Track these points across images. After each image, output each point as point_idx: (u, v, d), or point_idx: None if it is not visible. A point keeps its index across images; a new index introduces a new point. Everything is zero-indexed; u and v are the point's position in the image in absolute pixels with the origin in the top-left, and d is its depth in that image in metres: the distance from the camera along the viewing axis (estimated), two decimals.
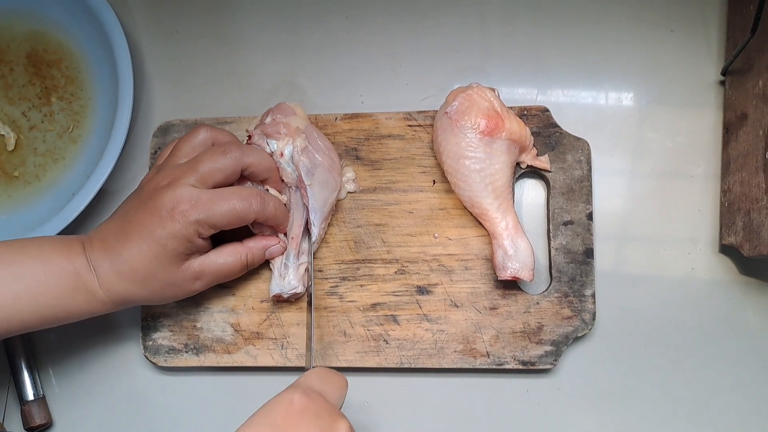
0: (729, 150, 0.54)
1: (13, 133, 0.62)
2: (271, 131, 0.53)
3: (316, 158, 0.53)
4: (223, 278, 0.52)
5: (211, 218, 0.48)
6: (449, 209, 0.56)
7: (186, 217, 0.47)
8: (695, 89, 0.57)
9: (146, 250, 0.47)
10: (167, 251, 0.48)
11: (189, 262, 0.50)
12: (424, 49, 0.61)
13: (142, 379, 0.58)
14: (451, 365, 0.54)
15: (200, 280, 0.51)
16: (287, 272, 0.53)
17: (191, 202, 0.48)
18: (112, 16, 0.58)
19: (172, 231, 0.47)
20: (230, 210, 0.48)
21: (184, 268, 0.49)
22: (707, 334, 0.54)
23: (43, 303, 0.46)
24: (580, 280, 0.53)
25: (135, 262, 0.48)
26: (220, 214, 0.48)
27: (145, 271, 0.48)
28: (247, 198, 0.49)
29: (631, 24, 0.59)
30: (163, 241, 0.47)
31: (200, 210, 0.48)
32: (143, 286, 0.49)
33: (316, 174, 0.53)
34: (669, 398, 0.54)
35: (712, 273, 0.55)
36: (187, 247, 0.48)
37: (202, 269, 0.50)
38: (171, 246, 0.47)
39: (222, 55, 0.62)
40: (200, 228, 0.48)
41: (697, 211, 0.55)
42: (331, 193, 0.54)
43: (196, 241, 0.48)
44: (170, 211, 0.47)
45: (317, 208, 0.53)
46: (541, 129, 0.56)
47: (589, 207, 0.54)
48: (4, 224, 0.61)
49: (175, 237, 0.47)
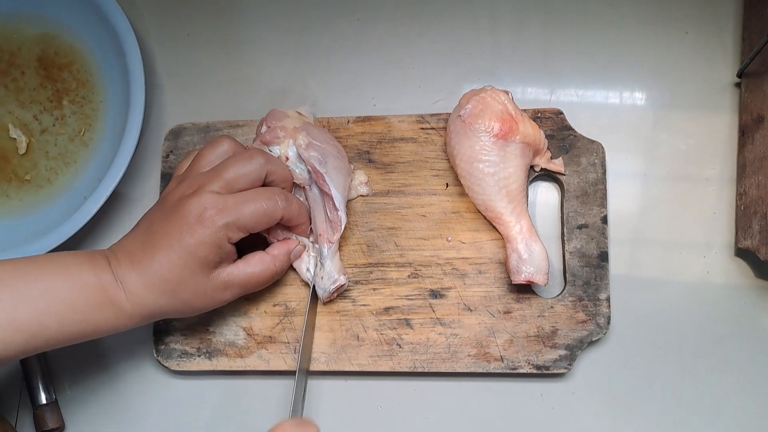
0: (745, 153, 0.54)
1: (25, 137, 0.62)
2: (270, 138, 0.53)
3: (324, 148, 0.53)
4: (252, 288, 0.52)
5: (240, 220, 0.48)
6: (462, 213, 0.55)
7: (215, 222, 0.47)
8: (710, 91, 0.57)
9: (176, 260, 0.47)
10: (198, 259, 0.47)
11: (218, 271, 0.49)
12: (436, 52, 0.60)
13: (154, 383, 0.58)
14: (465, 369, 0.53)
15: (229, 290, 0.50)
16: (324, 269, 0.53)
17: (218, 207, 0.47)
18: (123, 19, 0.58)
19: (202, 237, 0.47)
20: (258, 210, 0.48)
21: (213, 277, 0.49)
22: (722, 338, 0.54)
23: (69, 319, 0.46)
24: (595, 284, 0.53)
25: (165, 272, 0.47)
26: (248, 215, 0.48)
27: (176, 281, 0.47)
28: (272, 197, 0.49)
29: (644, 25, 0.58)
30: (193, 249, 0.47)
31: (228, 213, 0.47)
32: (174, 296, 0.48)
33: (329, 162, 0.53)
34: (684, 403, 0.53)
35: (727, 277, 0.54)
36: (217, 254, 0.48)
37: (230, 278, 0.49)
38: (202, 253, 0.47)
39: (233, 59, 0.62)
40: (230, 232, 0.47)
41: (713, 215, 0.55)
42: (346, 177, 0.54)
43: (225, 247, 0.48)
44: (198, 218, 0.47)
45: (338, 193, 0.52)
46: (555, 132, 0.55)
47: (603, 210, 0.54)
48: (16, 228, 0.61)
49: (204, 243, 0.47)
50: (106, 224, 0.60)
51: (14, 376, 0.59)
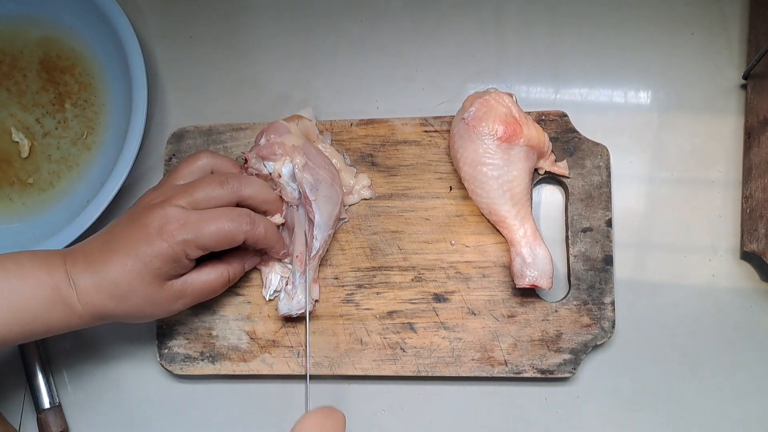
0: (751, 155, 0.53)
1: (27, 140, 0.62)
2: (267, 153, 0.53)
3: (319, 173, 0.53)
4: (205, 297, 0.52)
5: (200, 238, 0.47)
6: (466, 216, 0.55)
7: (174, 237, 0.47)
8: (716, 93, 0.56)
9: (130, 267, 0.47)
10: (151, 270, 0.47)
11: (172, 282, 0.49)
12: (440, 54, 0.60)
13: (157, 387, 0.58)
14: (469, 374, 0.53)
15: (182, 300, 0.50)
16: (295, 292, 0.53)
17: (180, 221, 0.47)
18: (125, 21, 0.58)
19: (159, 250, 0.47)
20: (219, 230, 0.48)
21: (166, 288, 0.49)
22: (728, 342, 0.53)
23: (21, 317, 0.46)
24: (600, 288, 0.53)
25: (118, 277, 0.47)
26: (208, 235, 0.48)
27: (126, 287, 0.47)
28: (237, 218, 0.49)
29: (650, 27, 0.58)
30: (148, 259, 0.47)
31: (188, 230, 0.47)
32: (123, 302, 0.48)
33: (320, 189, 0.52)
34: (689, 407, 0.53)
35: (733, 280, 0.54)
36: (172, 267, 0.48)
37: (184, 288, 0.50)
38: (155, 265, 0.47)
39: (236, 61, 0.62)
40: (188, 249, 0.47)
41: (718, 218, 0.55)
42: (335, 206, 0.54)
43: (182, 262, 0.48)
44: (159, 230, 0.47)
45: (322, 222, 0.53)
46: (560, 134, 0.55)
47: (608, 213, 0.54)
48: (19, 231, 0.61)
49: (160, 256, 0.47)
50: None
51: (18, 380, 0.59)
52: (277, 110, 0.60)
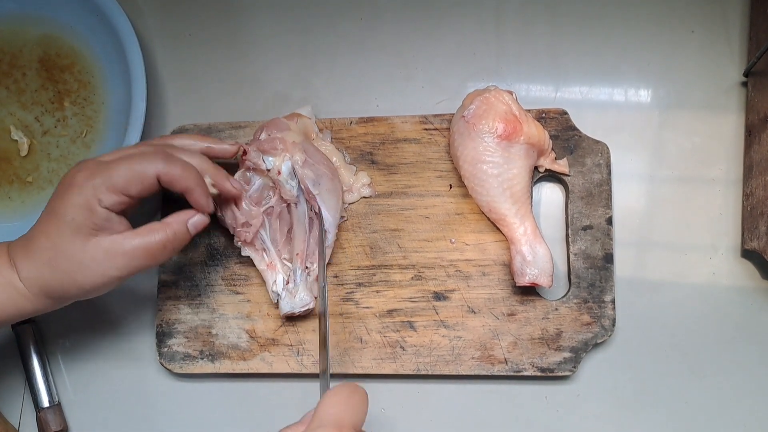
0: (751, 153, 0.53)
1: (27, 139, 0.62)
2: (267, 147, 0.53)
3: (319, 168, 0.53)
4: (143, 260, 0.47)
5: (110, 179, 0.45)
6: (466, 214, 0.55)
7: (83, 185, 0.45)
8: (716, 91, 0.56)
9: (49, 226, 0.46)
10: (67, 223, 0.45)
11: (98, 240, 0.46)
12: (440, 52, 0.60)
13: (157, 386, 0.58)
14: (469, 372, 0.53)
15: (113, 262, 0.46)
16: (297, 289, 0.53)
17: (89, 171, 0.46)
18: (124, 19, 0.58)
19: (71, 199, 0.45)
20: (128, 169, 0.46)
21: (92, 246, 0.46)
22: (729, 340, 0.53)
23: None
24: (600, 286, 0.53)
25: (42, 241, 0.46)
26: (118, 175, 0.46)
27: (51, 249, 0.46)
28: (149, 156, 0.47)
29: (650, 24, 0.58)
30: (62, 212, 0.45)
31: (98, 174, 0.46)
32: (54, 268, 0.46)
33: (322, 183, 0.52)
34: (689, 405, 0.53)
35: (733, 278, 0.54)
36: (87, 217, 0.45)
37: (113, 247, 0.46)
38: (70, 215, 0.45)
39: (235, 59, 0.62)
40: (98, 192, 0.45)
41: (719, 216, 0.55)
42: (338, 200, 0.54)
43: (97, 211, 0.45)
44: (70, 183, 0.46)
45: (330, 215, 0.53)
46: (560, 132, 0.55)
47: (608, 211, 0.53)
48: (17, 230, 0.60)
49: (73, 206, 0.45)
50: None
51: (17, 378, 0.59)
52: (277, 108, 0.60)
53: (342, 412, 0.39)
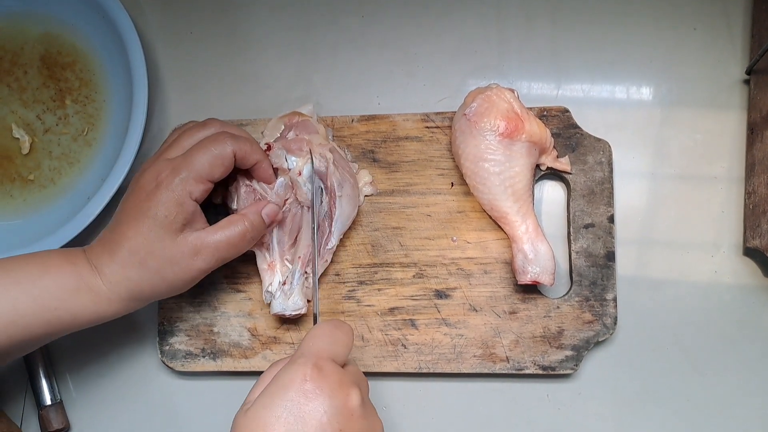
0: (754, 151, 0.53)
1: (28, 137, 0.62)
2: (294, 147, 0.53)
3: (345, 174, 0.53)
4: (226, 252, 0.49)
5: (194, 169, 0.47)
6: (468, 212, 0.55)
7: (170, 181, 0.47)
8: (719, 89, 0.56)
9: (140, 227, 0.47)
10: (159, 221, 0.47)
11: (185, 235, 0.48)
12: (441, 49, 0.60)
13: (159, 384, 0.58)
14: (470, 370, 0.53)
15: (201, 256, 0.48)
16: (292, 292, 0.52)
17: (170, 167, 0.47)
18: (125, 17, 0.58)
19: (160, 198, 0.47)
20: (207, 155, 0.48)
21: (180, 241, 0.47)
22: (730, 338, 0.53)
23: (43, 305, 0.46)
24: (602, 284, 0.53)
25: (132, 243, 0.47)
26: (199, 163, 0.47)
27: (143, 250, 0.47)
28: (219, 139, 0.48)
29: (652, 22, 0.58)
30: (153, 212, 0.47)
31: (181, 168, 0.47)
32: (144, 268, 0.47)
33: (345, 187, 0.53)
34: (691, 404, 0.53)
35: (735, 277, 0.54)
36: (179, 212, 0.47)
37: (200, 242, 0.48)
38: (162, 214, 0.46)
39: (236, 57, 0.62)
40: (188, 186, 0.47)
41: (721, 214, 0.55)
42: (353, 209, 0.54)
43: (187, 204, 0.47)
44: (155, 184, 0.47)
45: (341, 221, 0.53)
46: (562, 130, 0.55)
47: (610, 209, 0.53)
48: (19, 228, 0.61)
49: (163, 203, 0.47)
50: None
51: (19, 376, 0.59)
52: (278, 106, 0.60)
53: (324, 344, 0.43)
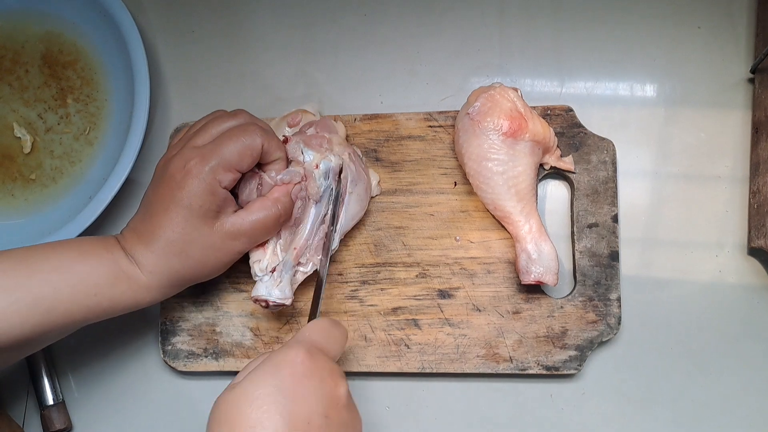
0: (758, 150, 0.53)
1: (30, 136, 0.62)
2: (314, 143, 0.52)
3: (361, 174, 0.53)
4: (260, 235, 0.50)
5: (224, 158, 0.47)
6: (471, 212, 0.55)
7: (200, 170, 0.47)
8: (723, 88, 0.56)
9: (176, 218, 0.47)
10: (195, 211, 0.47)
11: (221, 221, 0.48)
12: (444, 48, 0.60)
13: (161, 384, 0.58)
14: (474, 370, 0.53)
15: (238, 240, 0.49)
16: (281, 280, 0.52)
17: (199, 155, 0.47)
18: (127, 16, 0.57)
19: (193, 188, 0.47)
20: (237, 144, 0.48)
21: (218, 228, 0.48)
22: (735, 338, 0.53)
23: (83, 292, 0.46)
24: (605, 284, 0.52)
25: (169, 234, 0.47)
26: (229, 152, 0.47)
27: (182, 240, 0.47)
28: (248, 129, 0.49)
29: (656, 20, 0.57)
30: (187, 202, 0.47)
31: (210, 157, 0.47)
32: (185, 257, 0.48)
33: (358, 186, 0.52)
34: (695, 404, 0.53)
35: (740, 276, 0.54)
36: (212, 201, 0.47)
37: (236, 227, 0.49)
38: (197, 203, 0.47)
39: (238, 55, 0.61)
40: (218, 174, 0.47)
41: (725, 213, 0.54)
42: (361, 210, 0.54)
43: (219, 192, 0.48)
44: (184, 173, 0.47)
45: (345, 220, 0.53)
46: (565, 129, 0.55)
47: (614, 209, 0.53)
48: (21, 228, 0.61)
49: (197, 194, 0.47)
50: (112, 223, 0.60)
51: (21, 376, 0.59)
52: (280, 105, 0.60)
53: (320, 337, 0.45)
